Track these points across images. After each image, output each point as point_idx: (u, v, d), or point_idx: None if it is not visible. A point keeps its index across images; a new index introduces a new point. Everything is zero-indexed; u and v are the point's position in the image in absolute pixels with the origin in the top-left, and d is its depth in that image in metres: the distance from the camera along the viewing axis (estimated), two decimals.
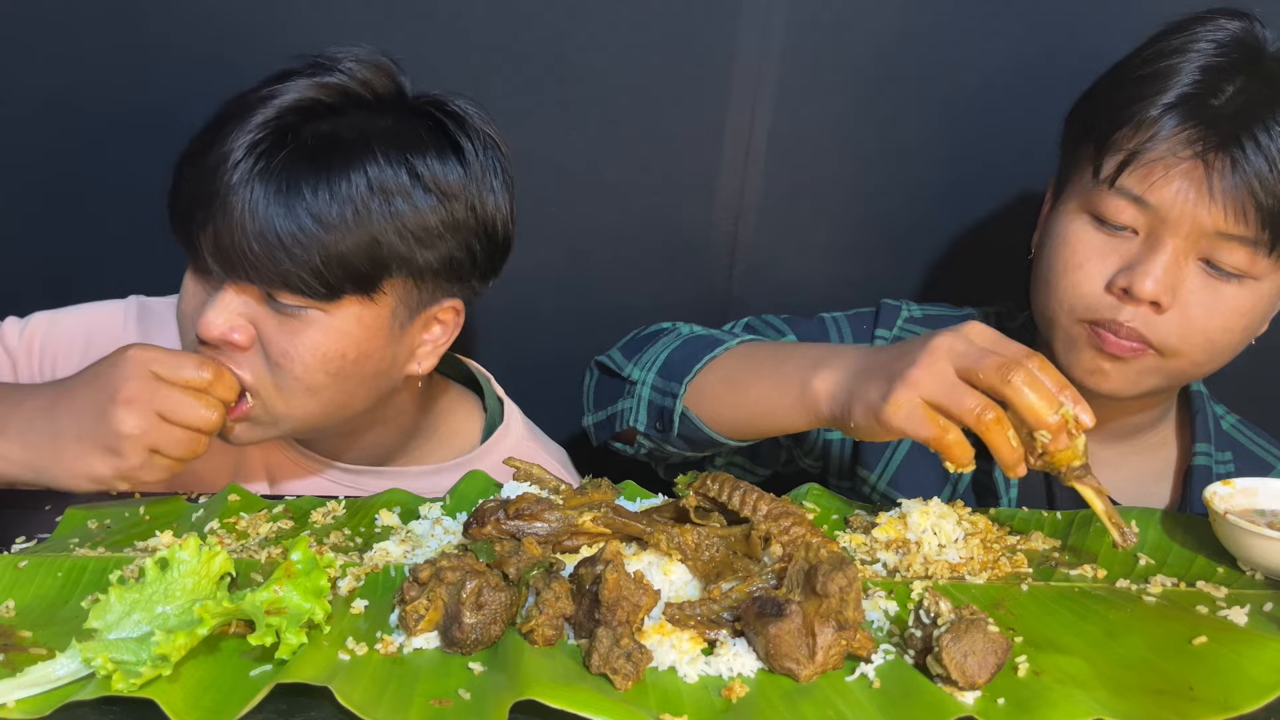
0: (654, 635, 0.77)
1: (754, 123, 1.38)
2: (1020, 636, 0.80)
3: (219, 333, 0.99)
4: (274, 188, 0.96)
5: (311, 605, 0.75)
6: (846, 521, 1.02)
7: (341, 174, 0.97)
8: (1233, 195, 0.99)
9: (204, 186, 0.97)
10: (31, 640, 0.77)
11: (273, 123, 0.98)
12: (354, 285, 0.99)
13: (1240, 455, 1.21)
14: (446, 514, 0.99)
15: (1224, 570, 0.94)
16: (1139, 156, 1.02)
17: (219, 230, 0.97)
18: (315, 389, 1.02)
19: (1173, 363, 1.07)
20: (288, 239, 0.96)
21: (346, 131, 1.00)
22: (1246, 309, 1.05)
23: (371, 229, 0.98)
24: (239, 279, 0.99)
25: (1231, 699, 0.72)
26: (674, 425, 1.07)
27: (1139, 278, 1.03)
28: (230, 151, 0.97)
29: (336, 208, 0.97)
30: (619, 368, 1.16)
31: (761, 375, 1.03)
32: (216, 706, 0.68)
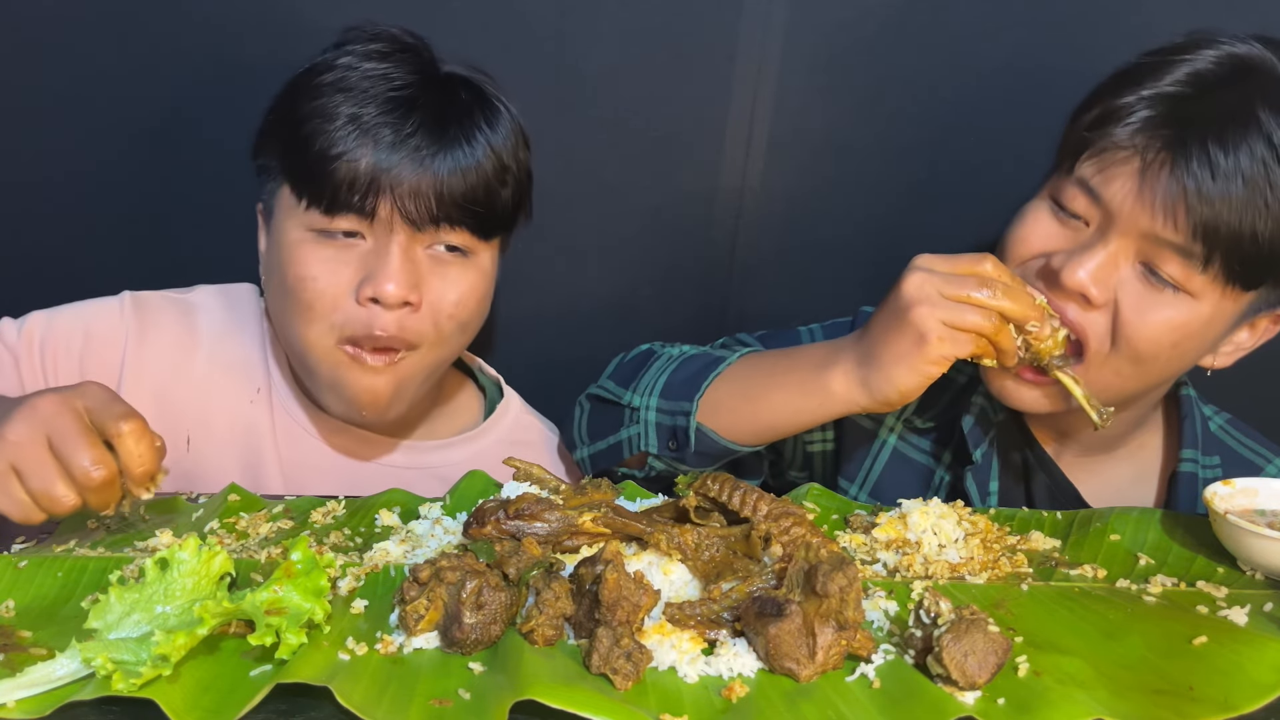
0: (654, 635, 0.77)
1: (754, 123, 1.38)
2: (1020, 636, 0.80)
3: (401, 296, 1.03)
4: (460, 140, 1.05)
5: (311, 605, 0.75)
6: (846, 521, 1.02)
7: (498, 122, 1.09)
8: (1165, 198, 0.97)
9: (379, 152, 1.02)
10: (31, 640, 0.77)
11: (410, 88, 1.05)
12: (507, 226, 1.12)
13: (1229, 459, 1.20)
14: (446, 514, 0.99)
15: (1224, 570, 0.94)
16: (1097, 143, 1.01)
17: (417, 185, 1.02)
18: (467, 329, 1.13)
19: (1095, 373, 1.04)
20: (488, 181, 1.06)
21: (465, 88, 1.09)
22: (1178, 323, 1.01)
23: (519, 169, 1.11)
24: (418, 232, 1.04)
25: (1231, 699, 0.72)
26: (690, 441, 1.08)
27: (1070, 265, 1.01)
28: (394, 116, 1.03)
29: (507, 152, 1.09)
30: (616, 396, 1.17)
31: (775, 384, 1.06)
32: (216, 706, 0.68)
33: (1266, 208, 0.95)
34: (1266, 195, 0.95)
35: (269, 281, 1.14)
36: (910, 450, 1.21)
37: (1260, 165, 0.95)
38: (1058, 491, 1.18)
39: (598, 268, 1.43)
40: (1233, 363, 1.09)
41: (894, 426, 1.21)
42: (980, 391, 1.19)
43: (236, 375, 1.20)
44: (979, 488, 1.15)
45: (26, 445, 0.84)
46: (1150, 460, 1.22)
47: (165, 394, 1.17)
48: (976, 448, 1.15)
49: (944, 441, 1.20)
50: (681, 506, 0.92)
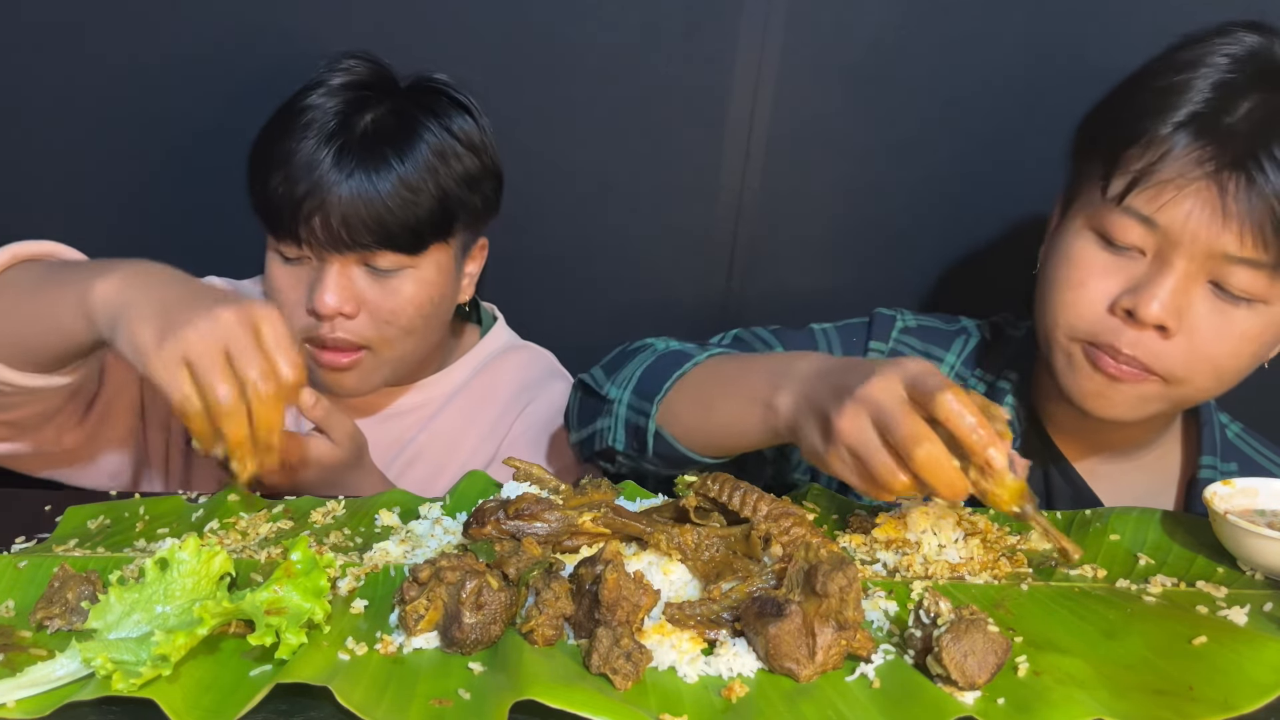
0: (654, 635, 0.77)
1: (754, 123, 1.38)
2: (1020, 636, 0.80)
3: (335, 308, 1.16)
4: (369, 171, 1.14)
5: (311, 605, 0.75)
6: (846, 521, 1.02)
7: (410, 147, 1.17)
8: (1250, 216, 0.94)
9: (303, 185, 1.14)
10: (31, 640, 0.77)
11: (335, 121, 1.16)
12: (436, 235, 1.19)
13: (1246, 466, 1.19)
14: (446, 514, 0.99)
15: (1224, 570, 0.94)
16: (1148, 176, 0.98)
17: (327, 216, 1.14)
18: (414, 331, 1.23)
19: (1177, 390, 1.03)
20: (391, 207, 1.15)
21: (392, 114, 1.19)
22: (1255, 334, 1.01)
23: (441, 185, 1.18)
24: (344, 254, 1.16)
25: (1231, 699, 0.72)
26: (648, 445, 1.07)
27: (1144, 300, 0.99)
28: (319, 151, 1.14)
29: (416, 174, 1.16)
30: (598, 386, 1.16)
31: (726, 394, 1.02)
32: (216, 706, 0.68)
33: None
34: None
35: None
36: None
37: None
38: (1078, 499, 1.17)
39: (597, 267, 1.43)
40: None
41: None
42: (1006, 403, 1.18)
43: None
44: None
45: (204, 343, 0.87)
46: (1169, 469, 1.21)
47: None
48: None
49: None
50: (681, 506, 0.92)
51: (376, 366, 1.24)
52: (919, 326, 1.26)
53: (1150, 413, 1.07)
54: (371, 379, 1.25)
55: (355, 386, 1.24)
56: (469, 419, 1.35)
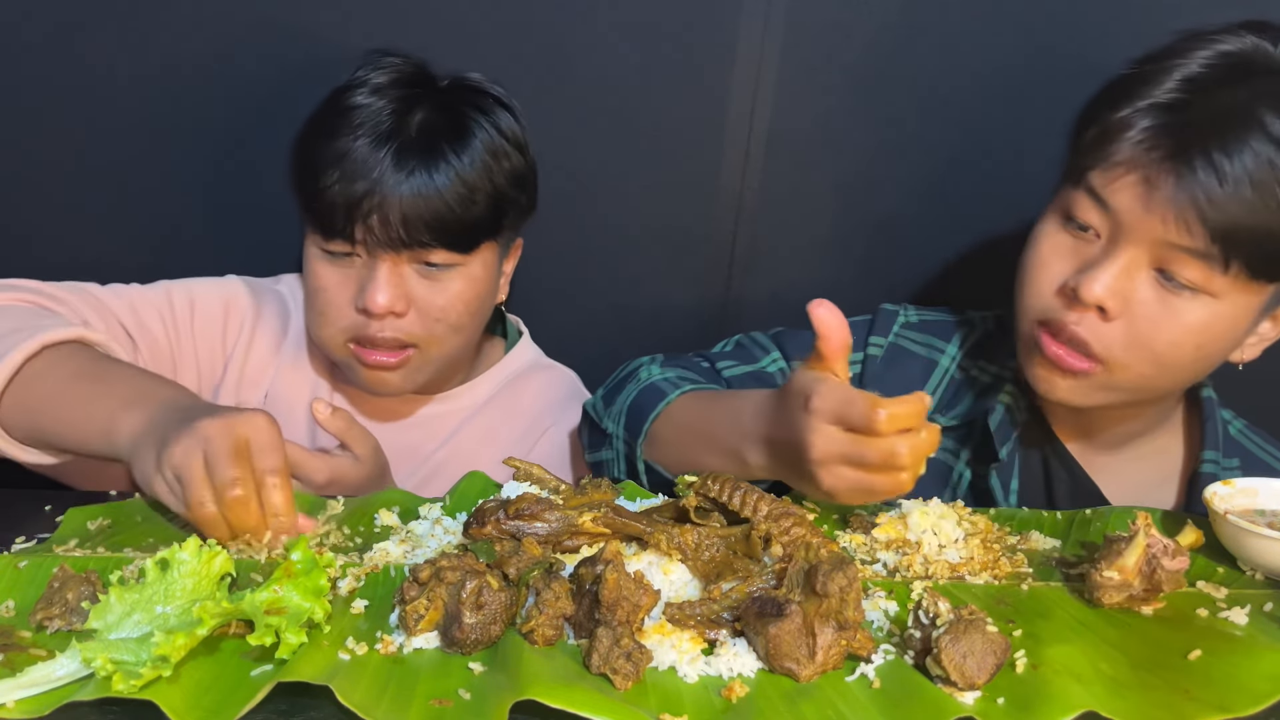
0: (654, 635, 0.77)
1: (754, 123, 1.38)
2: (1020, 629, 0.80)
3: (387, 307, 1.16)
4: (429, 169, 1.15)
5: (311, 605, 0.75)
6: (846, 521, 1.02)
7: (466, 145, 1.17)
8: (1176, 208, 0.96)
9: (362, 184, 1.13)
10: (30, 640, 0.77)
11: (390, 121, 1.16)
12: (488, 233, 1.20)
13: (1248, 462, 1.19)
14: (446, 514, 0.99)
15: (1224, 570, 0.94)
16: (1104, 157, 1.00)
17: (386, 215, 1.13)
18: (461, 329, 1.24)
19: (1119, 376, 1.04)
20: (450, 205, 1.15)
21: (442, 113, 1.18)
22: (1198, 326, 1.01)
23: (495, 183, 1.19)
24: (398, 252, 1.16)
25: (1227, 703, 0.72)
26: (642, 478, 1.12)
27: (1087, 281, 1.01)
28: (376, 149, 1.14)
29: (473, 172, 1.17)
30: (599, 418, 1.20)
31: (701, 444, 1.07)
32: (217, 706, 0.68)
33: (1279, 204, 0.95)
34: (1277, 193, 0.95)
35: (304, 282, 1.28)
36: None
37: (1266, 164, 0.94)
38: (1079, 491, 1.18)
39: (597, 267, 1.43)
40: (1259, 354, 1.09)
41: None
42: (1006, 390, 1.19)
43: (313, 358, 1.34)
44: (1002, 485, 1.15)
45: (186, 457, 0.89)
46: (1170, 461, 1.22)
47: (259, 378, 1.32)
48: (1003, 445, 1.15)
49: (965, 439, 1.20)
50: (681, 506, 0.92)
51: (422, 365, 1.24)
52: (921, 321, 1.27)
53: (1098, 401, 1.08)
54: (416, 378, 1.25)
55: (399, 385, 1.24)
56: (489, 437, 1.34)
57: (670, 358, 1.25)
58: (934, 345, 1.25)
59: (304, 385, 1.33)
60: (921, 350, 1.25)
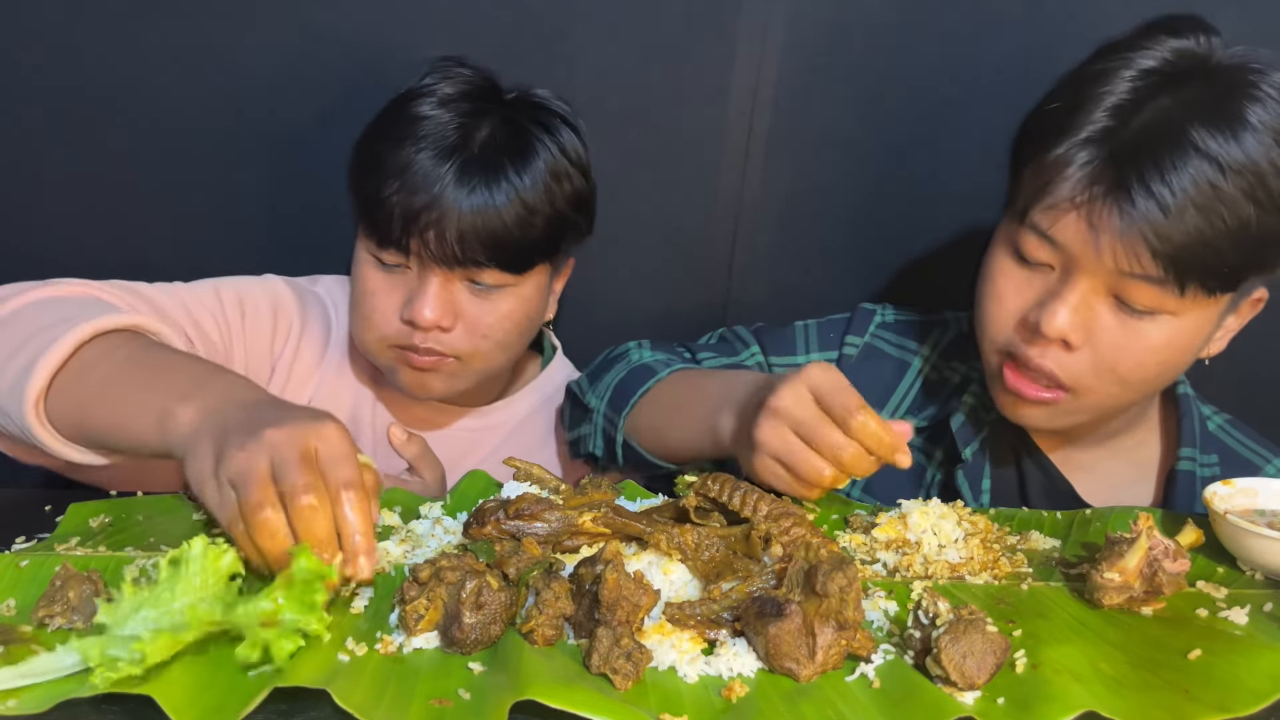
0: (654, 635, 0.77)
1: (754, 123, 1.38)
2: (1019, 629, 0.80)
3: (434, 322, 1.15)
4: (491, 188, 1.13)
5: (305, 618, 0.73)
6: (846, 521, 1.02)
7: (529, 165, 1.15)
8: (1124, 242, 0.96)
9: (422, 197, 1.12)
10: (32, 636, 0.77)
11: (456, 135, 1.14)
12: (544, 256, 1.19)
13: (1227, 458, 1.19)
14: (446, 514, 0.99)
15: (1224, 570, 0.94)
16: (1044, 196, 0.99)
17: (443, 231, 1.12)
18: (507, 346, 1.22)
19: (1085, 400, 1.05)
20: (509, 226, 1.13)
21: (506, 130, 1.16)
22: (1161, 345, 1.01)
23: (555, 205, 1.17)
24: (450, 269, 1.14)
25: (1227, 703, 0.72)
26: (618, 454, 1.13)
27: (1048, 315, 1.00)
28: (441, 165, 1.12)
29: (534, 194, 1.15)
30: (581, 394, 1.21)
31: (680, 413, 1.08)
32: (217, 705, 0.68)
33: (1225, 223, 0.94)
34: (1222, 213, 0.94)
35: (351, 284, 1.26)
36: None
37: (1206, 186, 0.94)
38: (1052, 489, 1.18)
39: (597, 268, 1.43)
40: (1225, 346, 1.09)
41: None
42: (972, 391, 1.19)
43: (355, 362, 1.32)
44: (971, 485, 1.15)
45: (250, 462, 0.80)
46: (1147, 458, 1.22)
47: (305, 383, 1.30)
48: (966, 446, 1.16)
49: (937, 440, 1.21)
50: (681, 506, 0.92)
51: (464, 373, 1.22)
52: (896, 321, 1.28)
53: (1066, 423, 1.09)
54: (457, 384, 1.23)
55: (440, 389, 1.23)
56: (529, 454, 1.31)
57: (657, 345, 1.27)
58: (906, 346, 1.26)
59: (348, 394, 1.32)
60: (894, 351, 1.26)
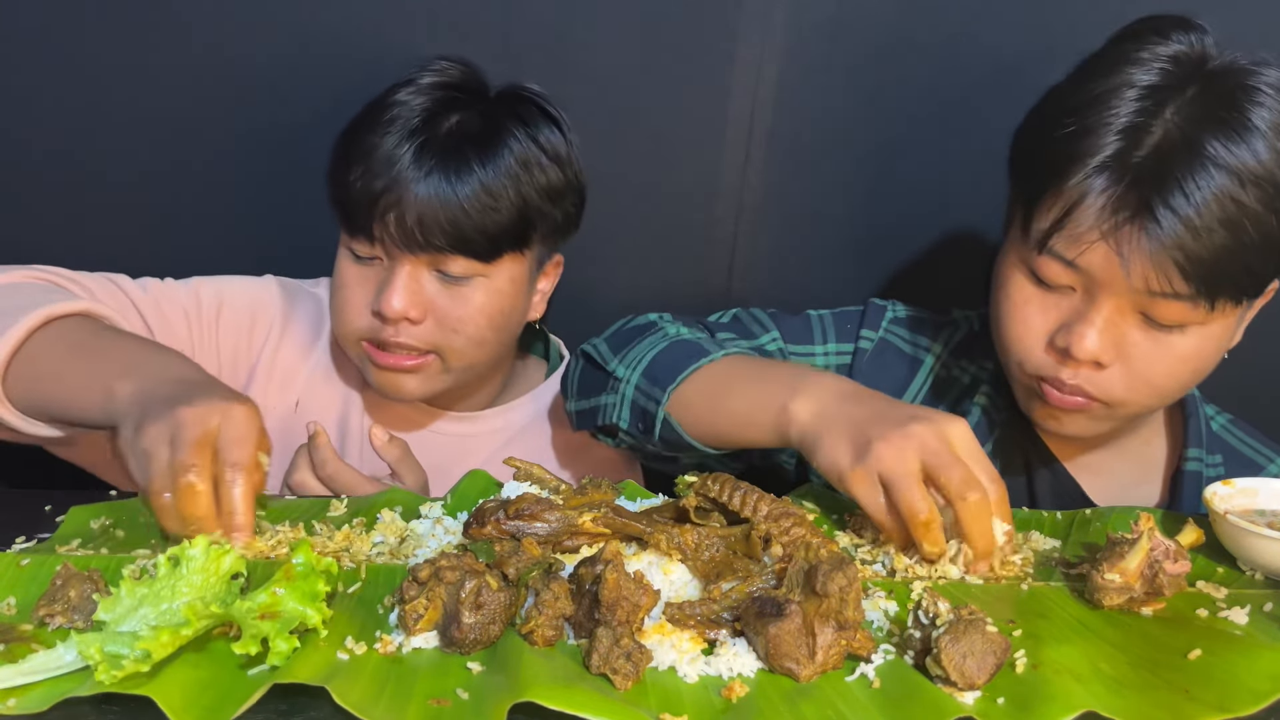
0: (654, 635, 0.77)
1: (754, 123, 1.38)
2: (1019, 630, 0.80)
3: (400, 312, 1.15)
4: (449, 172, 1.13)
5: (306, 610, 0.74)
6: (847, 522, 1.02)
7: (494, 152, 1.15)
8: (1153, 261, 0.95)
9: (381, 180, 1.13)
10: (32, 634, 0.77)
11: (420, 119, 1.15)
12: (512, 245, 1.18)
13: (1231, 458, 1.20)
14: (447, 514, 0.99)
15: (1224, 570, 0.94)
16: (1062, 225, 0.99)
17: (402, 214, 1.12)
18: (483, 342, 1.21)
19: (1122, 410, 1.06)
20: (468, 211, 1.13)
21: (478, 119, 1.17)
22: (1192, 354, 1.02)
23: (523, 194, 1.17)
24: (417, 255, 1.15)
25: (1227, 703, 0.72)
26: (655, 429, 1.09)
27: (1076, 339, 1.00)
28: (400, 147, 1.13)
29: (497, 180, 1.15)
30: (604, 361, 1.17)
31: (743, 391, 1.04)
32: (215, 705, 0.68)
33: (1251, 235, 0.95)
34: (1246, 227, 0.94)
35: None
36: None
37: (1229, 202, 0.94)
38: (1061, 490, 1.18)
39: (597, 267, 1.43)
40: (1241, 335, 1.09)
41: None
42: (983, 391, 1.19)
43: (342, 360, 1.32)
44: None
45: (156, 438, 0.89)
46: (1154, 459, 1.22)
47: (289, 382, 1.31)
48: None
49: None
50: (681, 506, 0.92)
51: (441, 373, 1.22)
52: (908, 317, 1.27)
53: (1103, 429, 1.10)
54: (433, 385, 1.23)
55: (414, 391, 1.22)
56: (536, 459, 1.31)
57: (678, 318, 1.22)
58: (919, 343, 1.26)
59: (336, 396, 1.32)
60: (908, 348, 1.26)
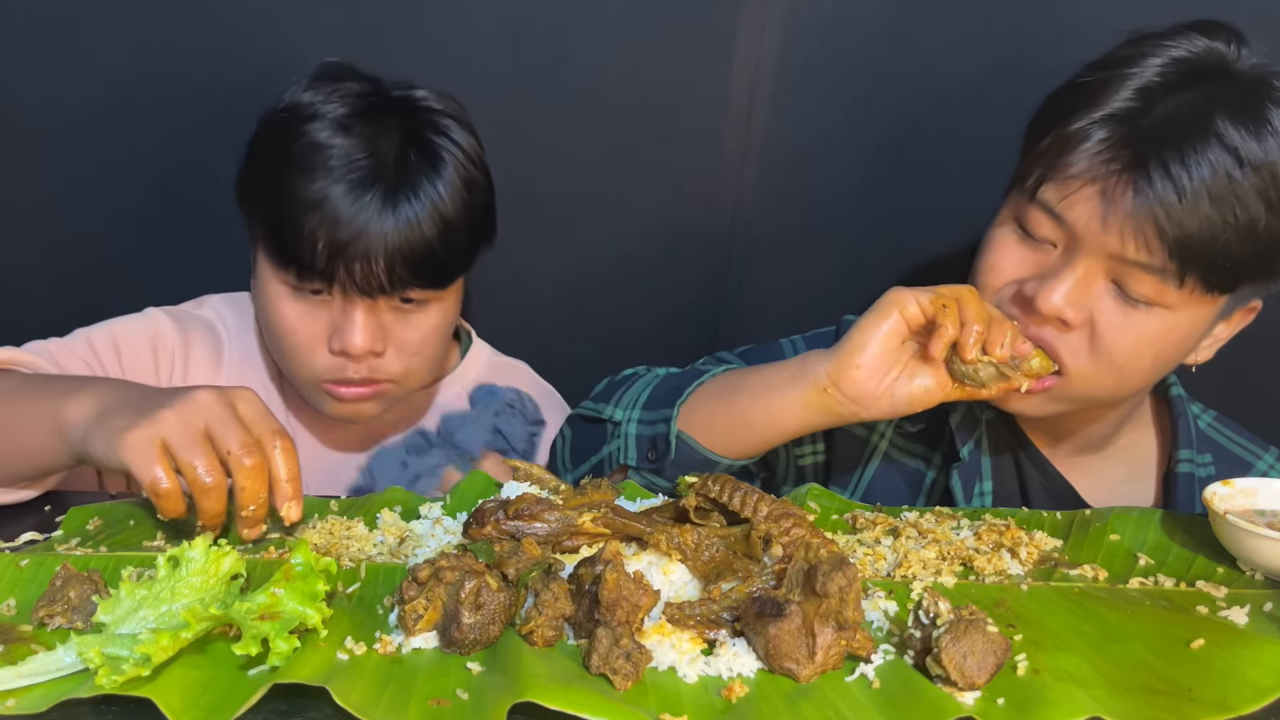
0: (654, 635, 0.77)
1: (751, 124, 1.38)
2: (1020, 634, 0.80)
3: (368, 348, 1.14)
4: (415, 211, 1.12)
5: (305, 609, 0.74)
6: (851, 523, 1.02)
7: (443, 181, 1.14)
8: (1134, 222, 0.95)
9: (345, 228, 1.10)
10: (32, 635, 0.77)
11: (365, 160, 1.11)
12: (466, 266, 1.20)
13: (1220, 456, 1.20)
14: (446, 514, 0.99)
15: (1224, 570, 0.94)
16: (1057, 170, 0.99)
17: (371, 259, 1.10)
18: (435, 359, 1.24)
19: (1077, 388, 1.04)
20: (435, 247, 1.13)
21: (413, 145, 1.14)
22: (1155, 336, 1.01)
23: (471, 216, 1.16)
24: (377, 295, 1.13)
25: (1230, 700, 0.72)
26: (670, 448, 1.08)
27: (1045, 292, 1.00)
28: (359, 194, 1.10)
29: (452, 209, 1.14)
30: (598, 412, 1.17)
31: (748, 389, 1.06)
32: (215, 706, 0.68)
33: (1236, 219, 0.94)
34: (1234, 206, 0.94)
35: (258, 311, 1.23)
36: (900, 455, 1.21)
37: (1223, 176, 0.94)
38: (1053, 490, 1.18)
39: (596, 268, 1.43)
40: (1212, 355, 1.09)
41: (885, 432, 1.21)
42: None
43: (253, 377, 1.29)
44: (964, 486, 1.15)
45: (181, 423, 0.85)
46: (1143, 459, 1.22)
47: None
48: (964, 445, 1.16)
49: (933, 444, 1.20)
50: (681, 507, 0.92)
51: (398, 395, 1.23)
52: None
53: (1056, 410, 1.08)
54: (390, 403, 1.24)
55: (374, 412, 1.23)
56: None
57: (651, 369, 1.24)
58: None
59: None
60: None
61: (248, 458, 0.86)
